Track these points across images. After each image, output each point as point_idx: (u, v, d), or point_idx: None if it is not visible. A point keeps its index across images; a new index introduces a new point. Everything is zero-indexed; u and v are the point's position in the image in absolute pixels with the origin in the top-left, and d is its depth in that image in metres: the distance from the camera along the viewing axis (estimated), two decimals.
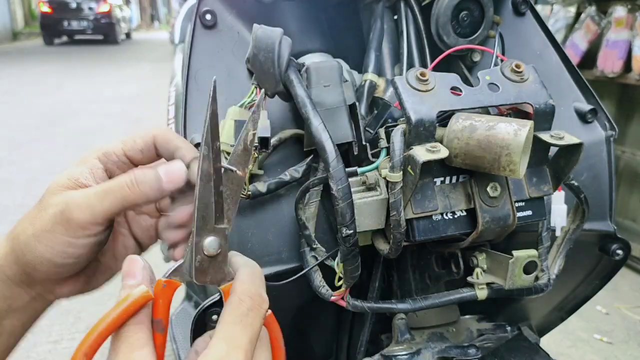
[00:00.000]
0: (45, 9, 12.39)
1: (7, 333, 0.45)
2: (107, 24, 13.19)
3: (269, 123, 0.52)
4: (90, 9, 12.89)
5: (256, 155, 0.54)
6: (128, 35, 16.01)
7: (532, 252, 0.51)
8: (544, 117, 0.49)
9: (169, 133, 0.46)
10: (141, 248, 0.50)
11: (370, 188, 0.50)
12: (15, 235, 0.42)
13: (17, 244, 0.42)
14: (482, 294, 0.53)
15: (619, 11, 2.18)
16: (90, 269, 0.47)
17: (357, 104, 0.55)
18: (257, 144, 0.52)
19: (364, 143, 0.54)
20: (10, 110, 5.37)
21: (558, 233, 0.60)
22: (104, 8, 13.02)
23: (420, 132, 0.47)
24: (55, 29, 12.72)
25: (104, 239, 0.43)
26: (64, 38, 13.56)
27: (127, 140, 0.44)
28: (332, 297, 0.53)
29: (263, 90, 0.52)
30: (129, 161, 0.45)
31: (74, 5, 12.72)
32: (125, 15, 15.56)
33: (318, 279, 0.54)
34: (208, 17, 0.61)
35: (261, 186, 0.54)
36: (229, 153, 0.52)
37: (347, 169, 0.48)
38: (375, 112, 0.62)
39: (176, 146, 0.45)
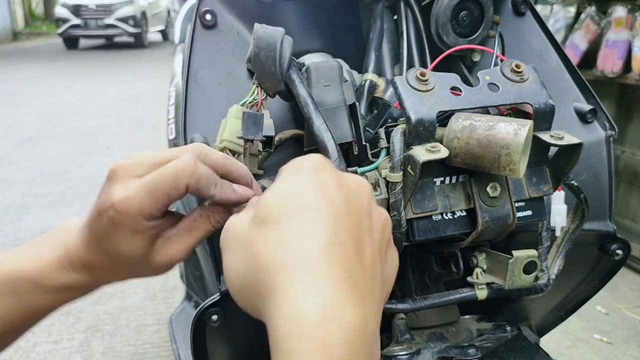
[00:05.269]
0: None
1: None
2: None
3: (272, 122, 0.52)
4: None
5: (258, 156, 0.54)
6: None
7: (532, 252, 0.51)
8: (543, 117, 0.49)
9: (202, 173, 0.43)
10: None
11: None
12: (115, 278, 0.48)
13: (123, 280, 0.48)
14: (482, 294, 0.53)
15: (619, 11, 2.17)
16: None
17: (357, 104, 0.55)
18: (261, 144, 0.52)
19: (364, 143, 0.54)
20: (11, 110, 5.38)
21: (558, 233, 0.60)
22: None
23: (420, 132, 0.47)
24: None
25: None
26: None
27: (161, 197, 0.42)
28: None
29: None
30: (166, 207, 0.45)
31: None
32: None
33: None
34: (208, 17, 0.61)
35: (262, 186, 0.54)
36: (231, 150, 0.52)
37: (347, 169, 0.48)
38: (375, 112, 0.62)
39: (211, 187, 0.45)
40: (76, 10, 11.29)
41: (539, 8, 2.66)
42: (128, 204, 0.41)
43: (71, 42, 11.80)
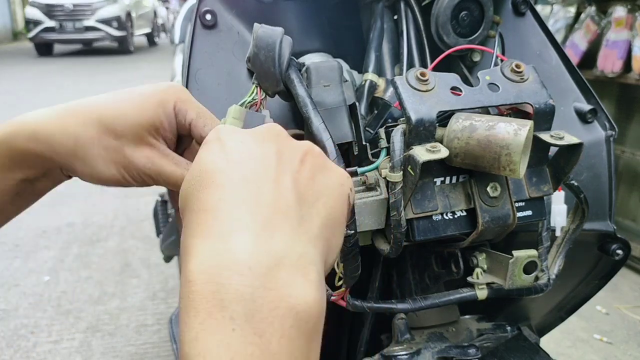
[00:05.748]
0: None
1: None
2: None
3: (272, 122, 0.52)
4: None
5: None
6: None
7: (532, 252, 0.51)
8: (544, 117, 0.49)
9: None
10: None
11: (370, 188, 0.50)
12: (72, 146, 0.44)
13: (77, 151, 0.44)
14: (482, 294, 0.53)
15: (619, 11, 2.18)
16: None
17: (357, 104, 0.55)
18: None
19: (364, 143, 0.54)
20: (11, 110, 5.37)
21: (558, 233, 0.60)
22: None
23: (420, 132, 0.47)
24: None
25: None
26: None
27: (202, 112, 0.46)
28: (332, 297, 0.53)
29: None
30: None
31: None
32: None
33: None
34: (208, 17, 0.61)
35: None
36: None
37: (347, 169, 0.48)
38: (375, 112, 0.62)
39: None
40: (49, 10, 9.58)
41: (539, 8, 2.66)
42: (183, 89, 0.46)
43: (44, 48, 10.17)
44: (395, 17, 0.70)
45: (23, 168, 0.45)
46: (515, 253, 0.50)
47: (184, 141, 0.48)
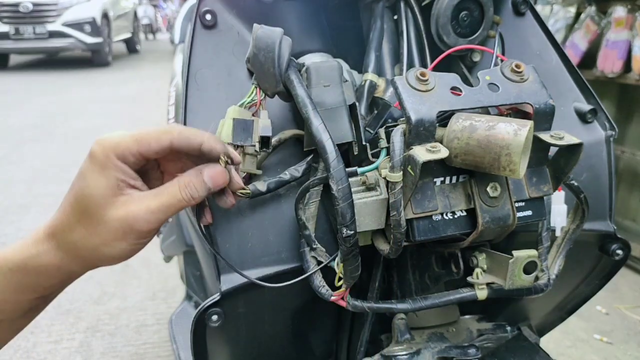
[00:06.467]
0: None
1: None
2: None
3: (270, 123, 0.52)
4: None
5: (257, 155, 0.54)
6: None
7: (532, 252, 0.51)
8: (544, 117, 0.49)
9: (186, 132, 0.46)
10: None
11: (370, 188, 0.50)
12: (73, 244, 0.47)
13: (80, 251, 0.47)
14: (482, 294, 0.53)
15: (619, 11, 2.18)
16: None
17: (357, 104, 0.55)
18: (258, 144, 0.52)
19: (364, 143, 0.54)
20: (11, 110, 5.37)
21: (558, 233, 0.60)
22: None
23: (420, 132, 0.47)
24: None
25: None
26: None
27: (142, 141, 0.45)
28: (332, 297, 0.53)
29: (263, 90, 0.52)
30: (143, 158, 0.47)
31: None
32: None
33: (318, 279, 0.54)
34: (208, 17, 0.61)
35: (261, 185, 0.54)
36: None
37: (347, 169, 0.48)
38: (375, 112, 0.62)
39: (199, 142, 0.46)
40: (1, 11, 7.10)
41: (539, 8, 2.66)
42: (108, 139, 0.45)
43: None
44: (395, 17, 0.70)
45: (39, 290, 0.48)
46: (515, 253, 0.50)
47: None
